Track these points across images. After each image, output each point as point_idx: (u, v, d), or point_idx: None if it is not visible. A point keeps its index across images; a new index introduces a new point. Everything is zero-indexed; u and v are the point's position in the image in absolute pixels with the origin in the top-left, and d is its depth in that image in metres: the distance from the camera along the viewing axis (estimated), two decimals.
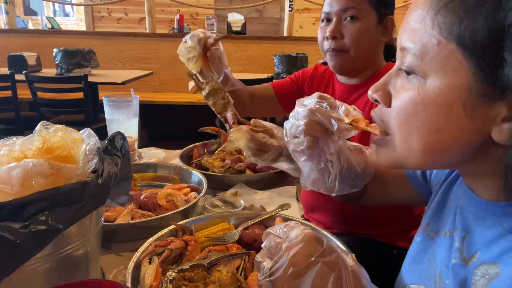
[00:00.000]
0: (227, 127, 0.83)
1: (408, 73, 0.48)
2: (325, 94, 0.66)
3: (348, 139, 0.70)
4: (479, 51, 0.41)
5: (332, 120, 0.62)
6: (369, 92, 0.55)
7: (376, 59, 1.13)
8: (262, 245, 0.51)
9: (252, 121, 0.78)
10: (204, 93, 0.88)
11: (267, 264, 0.48)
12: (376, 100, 0.54)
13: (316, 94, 0.66)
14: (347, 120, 0.61)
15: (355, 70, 1.13)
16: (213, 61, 1.01)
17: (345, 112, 0.62)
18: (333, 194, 0.68)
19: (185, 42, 0.99)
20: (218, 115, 0.86)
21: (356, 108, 0.65)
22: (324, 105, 0.63)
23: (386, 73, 1.23)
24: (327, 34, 1.08)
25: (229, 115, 0.83)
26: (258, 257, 0.51)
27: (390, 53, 1.17)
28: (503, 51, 0.39)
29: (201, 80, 0.91)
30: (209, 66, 0.96)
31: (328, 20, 1.10)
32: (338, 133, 0.63)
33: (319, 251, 0.46)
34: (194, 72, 0.93)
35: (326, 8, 1.10)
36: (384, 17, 1.08)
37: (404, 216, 1.12)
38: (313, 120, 0.62)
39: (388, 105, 0.52)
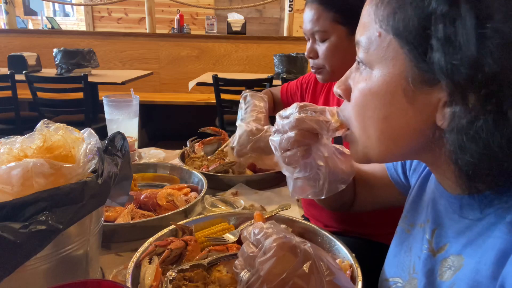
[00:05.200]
0: None
1: (360, 65, 0.51)
2: (305, 103, 0.65)
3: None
4: (412, 40, 0.43)
5: (322, 124, 0.61)
6: (334, 88, 0.57)
7: None
8: (238, 253, 0.53)
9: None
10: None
11: (243, 276, 0.50)
12: (340, 96, 0.56)
13: (295, 104, 0.65)
14: (334, 121, 0.61)
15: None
16: None
17: (330, 113, 0.62)
18: (322, 197, 0.68)
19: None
20: None
21: (339, 108, 0.65)
22: (309, 112, 0.63)
23: None
24: (305, 54, 1.15)
25: None
26: (237, 265, 0.52)
27: None
28: (430, 38, 0.41)
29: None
30: None
31: (308, 38, 1.14)
32: (328, 135, 0.63)
33: (292, 264, 0.47)
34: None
35: (303, 27, 1.14)
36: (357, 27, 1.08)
37: (400, 216, 1.13)
38: (302, 128, 0.62)
39: (349, 98, 0.54)
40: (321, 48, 1.10)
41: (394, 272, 0.63)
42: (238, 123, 1.25)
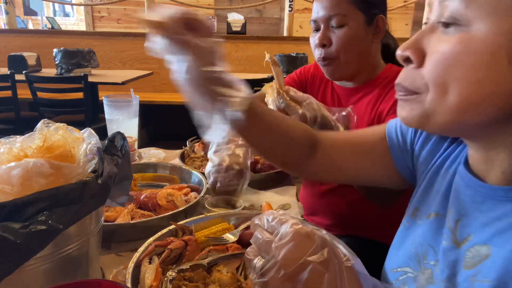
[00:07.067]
0: None
1: (448, 24, 0.47)
2: None
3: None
4: None
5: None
6: (398, 52, 0.52)
7: (371, 61, 1.10)
8: (251, 240, 0.50)
9: (286, 87, 0.87)
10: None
11: (258, 263, 0.47)
12: (407, 59, 0.52)
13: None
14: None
15: (350, 75, 1.11)
16: None
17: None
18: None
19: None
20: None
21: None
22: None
23: (386, 75, 1.19)
24: (316, 42, 1.07)
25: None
26: (249, 253, 0.49)
27: (388, 53, 1.17)
28: None
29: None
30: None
31: (318, 27, 1.08)
32: None
33: (311, 249, 0.45)
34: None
35: (313, 16, 1.08)
36: (374, 18, 1.04)
37: (400, 218, 1.13)
38: None
39: (420, 62, 0.50)
40: (337, 34, 1.03)
41: (401, 262, 0.62)
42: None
